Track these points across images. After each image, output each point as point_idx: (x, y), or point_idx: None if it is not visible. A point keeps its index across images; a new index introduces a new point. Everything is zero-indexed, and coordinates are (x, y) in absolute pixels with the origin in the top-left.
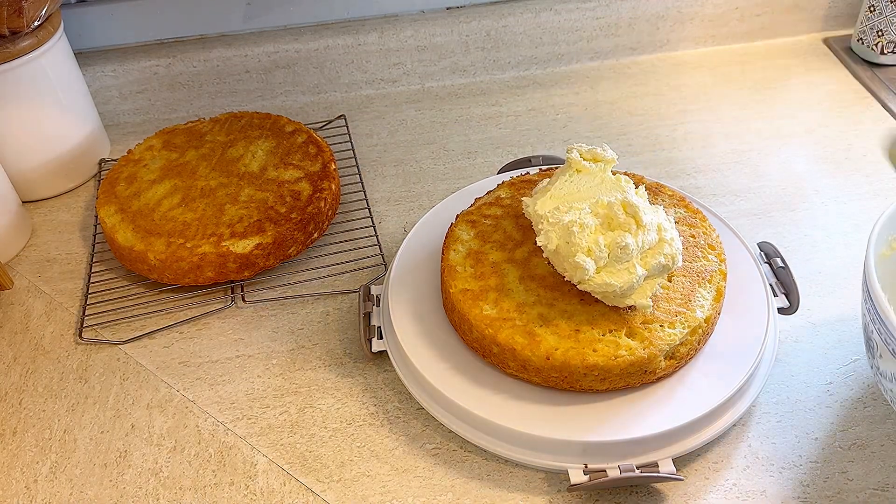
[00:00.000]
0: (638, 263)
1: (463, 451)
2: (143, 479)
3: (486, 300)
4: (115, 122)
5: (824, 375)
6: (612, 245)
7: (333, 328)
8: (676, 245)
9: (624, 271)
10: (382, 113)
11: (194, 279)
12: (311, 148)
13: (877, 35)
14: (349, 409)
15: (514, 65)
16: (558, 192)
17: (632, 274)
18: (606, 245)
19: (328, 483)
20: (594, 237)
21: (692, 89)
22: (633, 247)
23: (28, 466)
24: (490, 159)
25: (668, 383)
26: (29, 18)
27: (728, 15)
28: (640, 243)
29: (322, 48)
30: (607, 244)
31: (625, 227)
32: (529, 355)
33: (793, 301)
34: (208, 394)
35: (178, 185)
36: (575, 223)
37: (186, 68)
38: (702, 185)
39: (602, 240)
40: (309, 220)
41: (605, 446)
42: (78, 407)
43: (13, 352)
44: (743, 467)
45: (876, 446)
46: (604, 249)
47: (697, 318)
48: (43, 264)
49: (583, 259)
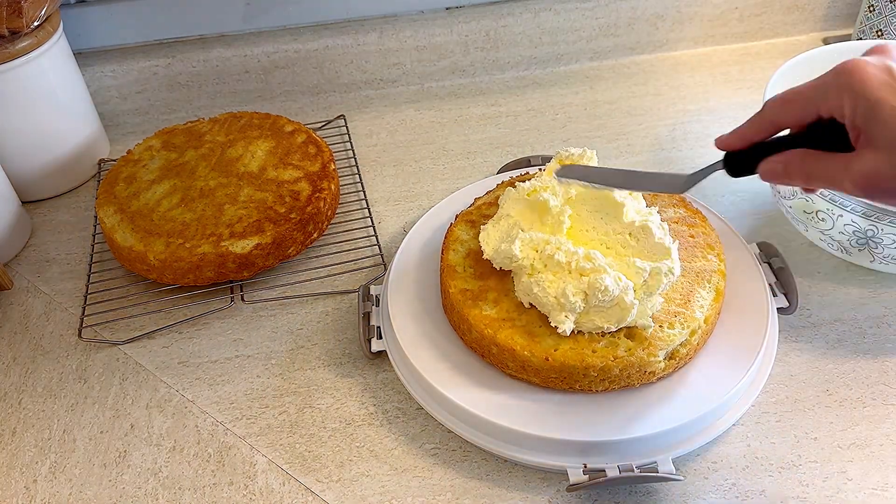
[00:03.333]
0: (631, 297)
1: (462, 451)
2: (143, 479)
3: (485, 300)
4: (115, 122)
5: (824, 375)
6: (589, 289)
7: (332, 328)
8: (674, 256)
9: (614, 309)
10: (382, 113)
11: (194, 279)
12: (310, 148)
13: (876, 35)
14: (348, 408)
15: (514, 65)
16: (505, 220)
17: (624, 310)
18: (578, 292)
19: (327, 483)
20: (556, 286)
21: (691, 89)
22: (613, 287)
23: (27, 466)
24: (489, 159)
25: (668, 383)
26: (29, 18)
27: (727, 15)
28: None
29: (321, 48)
30: (579, 291)
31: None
32: (529, 356)
33: (792, 301)
34: (207, 394)
35: (178, 186)
36: (524, 269)
37: (186, 68)
38: (701, 185)
39: (570, 289)
40: (308, 220)
41: (605, 446)
42: (77, 407)
43: (13, 352)
44: (742, 467)
45: (875, 446)
46: (575, 299)
47: (697, 318)
48: (42, 264)
49: (560, 320)
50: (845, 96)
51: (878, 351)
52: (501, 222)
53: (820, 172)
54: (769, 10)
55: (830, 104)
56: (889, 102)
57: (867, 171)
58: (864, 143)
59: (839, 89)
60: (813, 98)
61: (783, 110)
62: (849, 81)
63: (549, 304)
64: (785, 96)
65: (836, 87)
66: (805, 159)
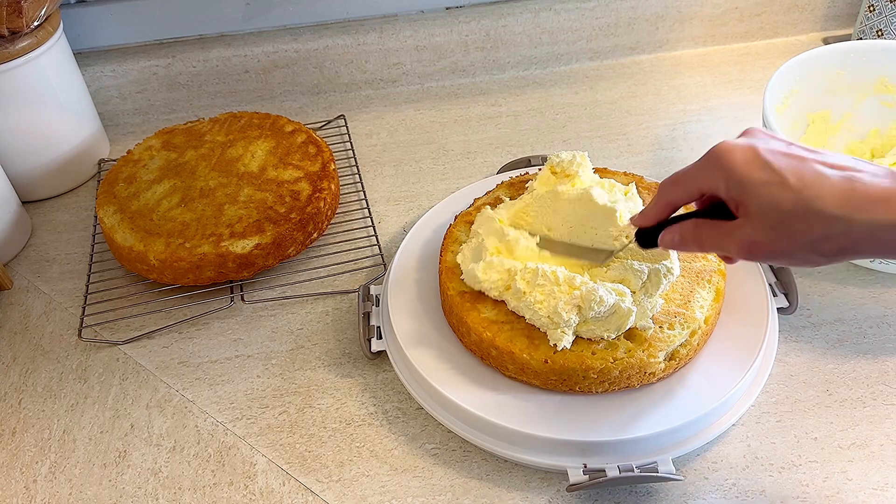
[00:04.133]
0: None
1: (462, 451)
2: (143, 479)
3: (484, 302)
4: (115, 122)
5: (824, 375)
6: (583, 302)
7: (332, 328)
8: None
9: (612, 317)
10: (382, 113)
11: (194, 279)
12: (310, 148)
13: (877, 35)
14: (348, 408)
15: (514, 65)
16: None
17: (622, 317)
18: (571, 307)
19: (327, 483)
20: (547, 305)
21: (691, 89)
22: (608, 297)
23: (27, 466)
24: (489, 159)
25: (668, 383)
26: (28, 18)
27: (727, 15)
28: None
29: (321, 48)
30: (571, 306)
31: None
32: (528, 359)
33: (792, 301)
34: (207, 394)
35: (178, 186)
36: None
37: (186, 68)
38: None
39: (562, 305)
40: (308, 220)
41: (605, 446)
42: (77, 407)
43: (12, 352)
44: (742, 467)
45: (876, 446)
46: (569, 315)
47: (697, 318)
48: (42, 264)
49: (557, 337)
50: (718, 175)
51: (878, 351)
52: (472, 241)
53: (709, 239)
54: (769, 10)
55: (708, 182)
56: (753, 176)
57: (746, 239)
58: (742, 213)
59: (714, 169)
60: (695, 178)
61: (673, 190)
62: (719, 162)
63: (544, 323)
64: (674, 178)
65: (711, 168)
66: (696, 228)
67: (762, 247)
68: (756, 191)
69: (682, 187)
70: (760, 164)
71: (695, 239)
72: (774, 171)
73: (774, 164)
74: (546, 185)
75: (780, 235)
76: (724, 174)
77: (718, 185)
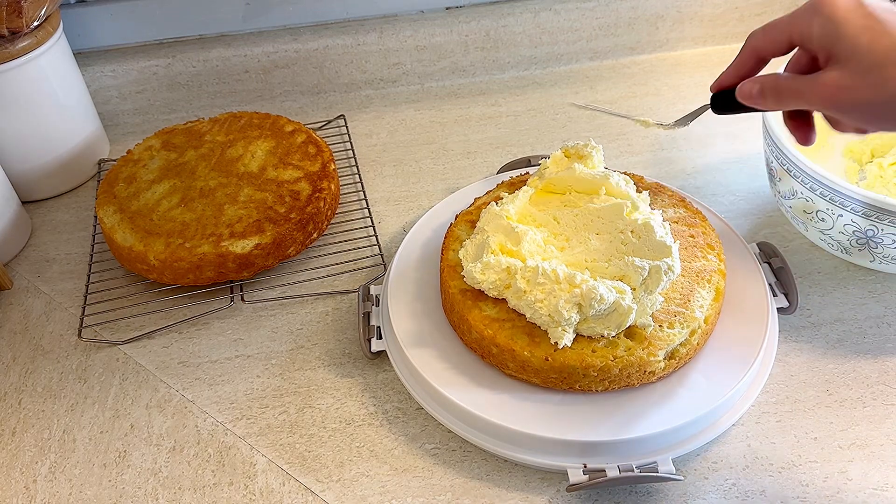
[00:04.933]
0: (629, 301)
1: (462, 451)
2: (143, 479)
3: (485, 300)
4: (115, 122)
5: (824, 375)
6: (583, 300)
7: (332, 328)
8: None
9: (612, 315)
10: (381, 113)
11: (194, 279)
12: (310, 148)
13: None
14: (348, 408)
15: (514, 65)
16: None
17: (623, 315)
18: (571, 305)
19: (327, 483)
20: (548, 304)
21: (691, 89)
22: (608, 295)
23: (27, 466)
24: (489, 159)
25: (668, 383)
26: (28, 18)
27: (727, 15)
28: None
29: (321, 48)
30: (572, 304)
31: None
32: (528, 356)
33: (792, 301)
34: (207, 394)
35: (178, 186)
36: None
37: (186, 68)
38: (702, 185)
39: (562, 303)
40: (308, 220)
41: (605, 446)
42: (77, 407)
43: (12, 352)
44: (742, 467)
45: (876, 446)
46: (570, 313)
47: (697, 318)
48: (42, 264)
49: (558, 335)
50: (815, 20)
51: (878, 351)
52: (477, 238)
53: (789, 89)
54: (769, 10)
55: (801, 28)
56: (853, 21)
57: (831, 83)
58: (831, 61)
59: (810, 13)
60: (787, 24)
61: (762, 36)
62: (819, 8)
63: (545, 322)
64: (764, 27)
65: (808, 13)
66: (778, 78)
67: (848, 92)
68: (854, 34)
69: (771, 35)
70: (863, 12)
71: (774, 88)
72: (876, 19)
73: (877, 13)
74: (559, 166)
75: (869, 82)
76: (822, 19)
77: (812, 31)
